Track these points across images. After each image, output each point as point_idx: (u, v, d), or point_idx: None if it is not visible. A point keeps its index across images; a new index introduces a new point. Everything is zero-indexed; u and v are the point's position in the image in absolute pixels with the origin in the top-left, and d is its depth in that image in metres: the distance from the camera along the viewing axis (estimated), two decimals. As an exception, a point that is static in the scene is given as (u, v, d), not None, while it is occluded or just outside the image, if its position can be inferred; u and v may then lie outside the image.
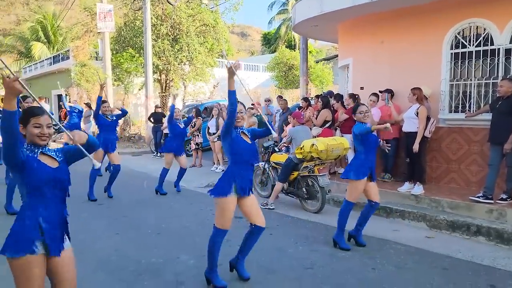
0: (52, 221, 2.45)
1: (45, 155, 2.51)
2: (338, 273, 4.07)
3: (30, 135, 2.46)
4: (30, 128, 2.45)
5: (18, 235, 2.37)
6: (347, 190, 4.85)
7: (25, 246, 2.34)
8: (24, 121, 2.46)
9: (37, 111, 2.50)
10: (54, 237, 2.44)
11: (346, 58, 8.89)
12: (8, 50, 34.89)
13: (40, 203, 2.43)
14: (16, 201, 6.96)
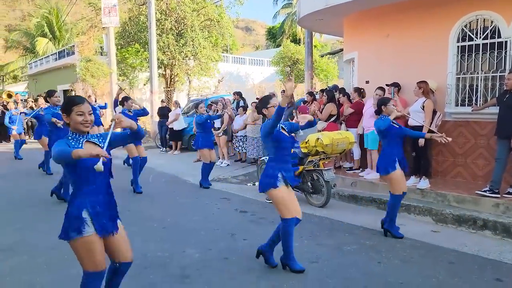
0: (99, 204, 2.62)
1: (89, 142, 2.63)
2: (343, 267, 4.06)
3: (74, 123, 2.59)
4: (74, 116, 2.57)
5: (71, 220, 2.56)
6: (390, 185, 4.91)
7: (77, 229, 2.54)
8: (67, 110, 2.59)
9: (78, 100, 2.62)
10: (102, 218, 2.61)
11: (352, 52, 8.83)
12: (13, 46, 35.06)
13: (87, 188, 2.58)
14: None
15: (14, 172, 9.59)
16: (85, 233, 2.55)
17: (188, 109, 14.17)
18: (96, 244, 2.59)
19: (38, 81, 29.40)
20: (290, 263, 3.91)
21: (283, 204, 3.80)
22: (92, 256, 2.60)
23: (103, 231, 2.62)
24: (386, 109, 4.78)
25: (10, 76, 38.36)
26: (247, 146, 9.99)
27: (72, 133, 2.63)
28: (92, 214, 2.58)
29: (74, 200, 2.60)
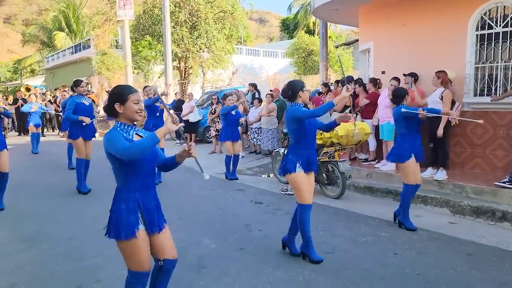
0: (148, 200, 2.57)
1: (138, 135, 2.59)
2: (359, 258, 4.05)
3: (130, 112, 2.51)
4: (130, 104, 2.50)
5: (120, 218, 2.47)
6: (401, 174, 4.93)
7: (127, 229, 2.45)
8: (122, 99, 2.50)
9: (133, 89, 2.58)
10: (152, 215, 2.56)
11: (367, 42, 8.72)
12: (31, 40, 35.54)
13: (134, 184, 2.50)
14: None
15: (33, 164, 9.78)
16: (138, 230, 2.48)
17: (203, 101, 14.21)
18: (143, 242, 2.52)
19: (55, 75, 29.82)
20: (309, 252, 3.93)
21: (299, 190, 3.87)
22: (138, 255, 2.52)
23: (153, 227, 2.56)
24: (406, 100, 4.76)
25: (28, 70, 38.99)
26: (262, 138, 9.99)
27: (121, 124, 2.54)
28: (144, 210, 2.53)
29: (124, 196, 2.51)
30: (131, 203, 2.49)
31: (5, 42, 69.47)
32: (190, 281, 3.58)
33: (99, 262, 3.95)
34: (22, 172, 8.38)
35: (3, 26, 76.40)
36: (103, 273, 3.71)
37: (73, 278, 3.66)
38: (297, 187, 3.89)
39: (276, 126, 9.74)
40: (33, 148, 11.35)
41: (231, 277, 3.66)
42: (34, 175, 8.39)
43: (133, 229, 2.46)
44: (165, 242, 2.67)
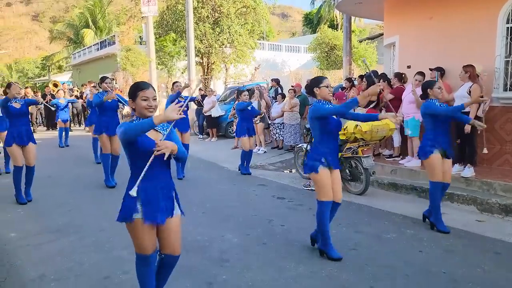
0: (153, 192, 2.65)
1: (154, 130, 2.66)
2: (383, 254, 4.01)
3: (139, 108, 2.63)
4: (139, 101, 2.62)
5: (125, 204, 2.66)
6: (427, 170, 4.80)
7: (124, 214, 2.65)
8: (133, 96, 2.65)
9: (143, 85, 2.69)
10: (153, 206, 2.64)
11: (392, 36, 8.56)
12: (58, 37, 36.38)
13: (137, 174, 2.56)
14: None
15: (61, 158, 10.04)
16: (134, 218, 2.62)
17: (225, 96, 14.27)
18: (142, 230, 2.64)
19: (81, 71, 30.48)
20: (327, 250, 3.90)
21: (321, 187, 3.86)
22: (139, 239, 2.69)
23: (150, 219, 2.63)
24: (432, 92, 4.61)
25: (56, 66, 39.96)
26: (284, 133, 9.97)
27: (137, 118, 2.67)
28: (143, 200, 2.62)
29: (129, 184, 2.67)
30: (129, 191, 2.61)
31: (34, 39, 71.37)
32: (213, 275, 3.62)
33: (126, 254, 4.03)
34: (50, 166, 8.62)
35: (32, 24, 78.51)
36: (130, 265, 3.76)
37: (100, 269, 3.75)
38: (320, 184, 3.86)
39: (299, 122, 9.71)
40: (60, 142, 11.65)
41: (254, 271, 3.69)
42: (62, 168, 8.61)
43: (127, 215, 2.64)
44: (168, 237, 2.77)
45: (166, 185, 2.74)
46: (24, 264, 3.92)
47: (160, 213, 2.67)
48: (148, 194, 2.64)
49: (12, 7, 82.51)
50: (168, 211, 2.72)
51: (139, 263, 2.81)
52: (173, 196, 2.80)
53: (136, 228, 2.65)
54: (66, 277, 3.63)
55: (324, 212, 3.86)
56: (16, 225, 5.04)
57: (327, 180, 3.86)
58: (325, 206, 3.86)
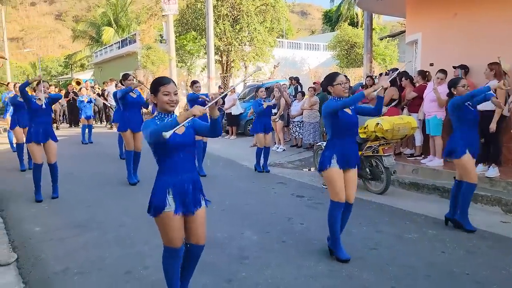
0: (181, 184, 2.72)
1: None
2: (404, 254, 3.95)
3: (160, 103, 2.68)
4: (160, 96, 2.66)
5: (155, 196, 2.71)
6: (461, 172, 4.55)
7: (156, 208, 2.69)
8: (154, 91, 2.69)
9: (165, 80, 2.73)
10: (184, 197, 2.72)
11: (415, 33, 8.42)
12: (80, 36, 37.03)
13: (170, 167, 2.69)
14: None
15: (83, 155, 10.22)
16: (165, 210, 2.68)
17: (245, 94, 14.29)
18: (173, 222, 2.71)
19: (103, 69, 30.97)
20: (336, 250, 3.83)
21: (332, 186, 3.77)
22: (168, 232, 2.74)
23: (183, 209, 2.72)
24: (457, 90, 4.52)
25: (78, 65, 40.70)
26: (304, 131, 9.93)
27: (159, 113, 2.72)
28: (175, 192, 2.69)
29: (160, 178, 2.72)
30: (163, 186, 2.70)
31: (57, 38, 72.89)
32: (233, 272, 3.63)
33: (147, 249, 4.09)
34: (73, 162, 8.79)
35: (55, 23, 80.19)
36: (151, 260, 3.84)
37: (122, 264, 3.81)
38: (330, 183, 3.77)
39: (318, 120, 9.65)
40: (83, 139, 11.87)
41: (273, 269, 3.68)
42: (84, 165, 8.77)
43: (160, 209, 2.68)
44: (195, 228, 2.85)
45: (194, 177, 2.81)
46: (48, 257, 4.01)
47: (191, 204, 2.76)
48: (178, 186, 2.71)
49: (36, 6, 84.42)
50: (196, 202, 2.80)
51: (168, 256, 2.85)
52: (200, 188, 2.86)
53: (167, 221, 2.70)
54: (89, 271, 3.69)
55: (334, 212, 3.78)
56: (40, 219, 5.16)
57: (337, 178, 3.74)
58: (336, 206, 3.77)
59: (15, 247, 4.28)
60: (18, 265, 3.83)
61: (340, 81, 3.72)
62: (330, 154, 3.76)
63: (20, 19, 78.44)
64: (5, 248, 4.22)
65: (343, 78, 3.78)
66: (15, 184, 7.01)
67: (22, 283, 3.50)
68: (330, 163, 3.74)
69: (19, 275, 3.65)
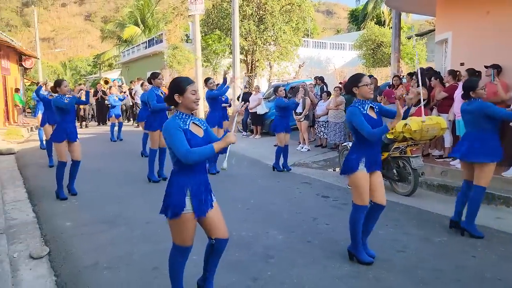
0: (199, 184, 2.79)
1: (194, 124, 2.80)
2: (433, 258, 3.87)
3: (188, 101, 2.75)
4: (188, 94, 2.74)
5: (171, 198, 2.75)
6: (481, 175, 4.33)
7: (174, 210, 2.73)
8: (181, 90, 2.74)
9: (190, 80, 2.83)
10: (201, 198, 2.78)
11: (445, 32, 8.23)
12: (108, 36, 37.86)
13: (188, 170, 2.74)
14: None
15: (111, 152, 10.44)
16: (184, 212, 2.72)
17: (269, 94, 14.28)
18: (189, 223, 2.77)
19: (130, 68, 31.55)
20: (357, 253, 3.75)
21: (358, 190, 3.68)
22: (182, 232, 2.79)
23: (200, 211, 2.77)
24: (476, 94, 4.34)
25: (106, 64, 41.60)
26: (329, 131, 9.86)
27: (179, 113, 2.77)
28: (192, 193, 2.74)
29: (177, 179, 2.76)
30: (180, 187, 2.74)
31: (86, 38, 74.66)
32: (258, 270, 3.64)
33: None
34: (101, 159, 9.00)
35: (84, 23, 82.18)
36: (177, 257, 3.89)
37: (149, 260, 3.88)
38: (357, 186, 3.68)
39: (344, 120, 9.55)
40: (112, 136, 12.16)
41: (299, 269, 3.67)
42: (112, 162, 8.96)
43: (178, 211, 2.72)
44: (216, 223, 2.89)
45: (206, 178, 2.88)
46: (79, 252, 4.12)
47: (205, 206, 2.82)
48: (194, 188, 2.76)
49: (67, 7, 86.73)
50: (209, 203, 2.85)
51: (178, 254, 2.91)
52: (210, 189, 2.93)
53: (184, 222, 2.75)
54: (117, 266, 3.78)
55: (357, 215, 3.70)
56: (70, 215, 5.31)
57: (365, 182, 3.68)
58: (360, 210, 3.69)
59: (47, 241, 4.42)
60: (50, 259, 3.96)
61: (366, 82, 3.64)
62: (357, 158, 3.68)
63: (51, 19, 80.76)
64: (37, 241, 4.36)
65: (368, 79, 3.70)
66: (46, 180, 7.22)
67: (54, 276, 3.61)
68: (358, 167, 3.66)
69: (51, 268, 3.77)
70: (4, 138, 12.74)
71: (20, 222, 5.02)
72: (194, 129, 2.77)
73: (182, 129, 2.67)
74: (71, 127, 6.04)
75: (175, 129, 2.65)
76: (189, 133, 2.70)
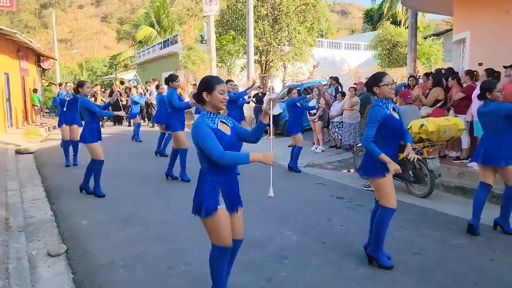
0: (229, 183, 2.83)
1: (222, 122, 2.82)
2: (450, 260, 3.82)
3: (215, 100, 2.75)
4: (216, 94, 2.74)
5: (202, 198, 2.76)
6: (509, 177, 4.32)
7: (208, 207, 2.74)
8: (210, 88, 2.75)
9: (219, 79, 2.84)
10: (232, 196, 2.84)
11: (463, 32, 8.11)
12: (124, 37, 38.28)
13: (219, 168, 2.74)
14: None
15: (128, 151, 10.53)
16: (219, 209, 2.74)
17: (283, 95, 14.26)
18: (224, 219, 2.78)
19: (145, 69, 31.84)
20: (378, 257, 3.68)
21: (386, 192, 3.61)
22: (219, 230, 2.78)
23: (233, 207, 2.84)
24: (492, 95, 4.27)
25: (122, 65, 42.09)
26: (343, 132, 9.79)
27: (207, 112, 2.78)
28: (225, 191, 2.79)
29: (207, 178, 2.78)
30: (213, 185, 2.76)
31: (103, 39, 75.68)
32: (273, 271, 3.64)
33: (188, 246, 4.17)
34: (118, 159, 9.08)
35: (101, 25, 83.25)
36: (192, 256, 3.92)
37: (164, 259, 3.91)
38: (386, 191, 3.61)
39: (358, 120, 9.49)
40: (137, 135, 12.28)
41: (313, 270, 3.66)
42: (128, 161, 9.04)
43: (212, 208, 2.73)
44: (236, 223, 2.94)
45: (235, 177, 2.93)
46: (95, 250, 4.17)
47: (235, 203, 2.88)
48: (227, 186, 2.81)
49: (84, 9, 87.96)
50: (239, 201, 2.93)
51: (218, 255, 2.87)
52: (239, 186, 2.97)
53: (220, 218, 2.76)
54: (133, 265, 3.81)
55: (386, 219, 3.63)
56: (87, 213, 5.38)
57: (390, 186, 3.61)
58: (389, 213, 3.62)
59: (64, 239, 4.49)
60: (67, 256, 4.02)
61: (387, 82, 3.55)
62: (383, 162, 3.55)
63: (69, 21, 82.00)
64: (55, 239, 4.44)
65: (391, 79, 3.60)
66: (63, 179, 7.34)
67: (71, 273, 3.67)
68: (385, 171, 3.56)
69: (68, 265, 3.83)
70: (23, 137, 13.00)
71: (38, 220, 5.11)
72: (223, 127, 2.78)
73: (212, 128, 2.68)
74: (98, 127, 6.15)
75: (206, 129, 2.66)
76: (219, 132, 2.71)
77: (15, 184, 6.70)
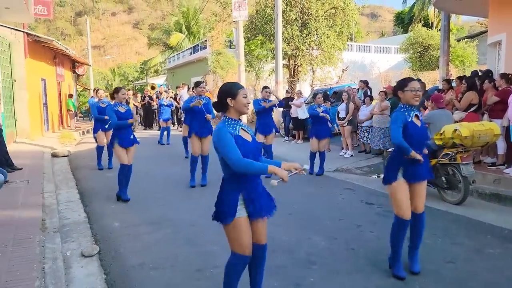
0: (252, 190, 2.79)
1: (243, 129, 2.82)
2: (485, 270, 3.69)
3: (240, 105, 2.77)
4: (240, 98, 2.76)
5: (225, 203, 2.76)
6: None
7: (227, 215, 2.74)
8: (233, 94, 2.77)
9: (240, 84, 2.89)
10: (256, 202, 2.78)
11: (498, 34, 7.86)
12: (155, 43, 39.13)
13: (238, 176, 2.73)
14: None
15: (158, 155, 10.74)
16: (237, 216, 2.72)
17: (312, 99, 14.20)
18: (243, 227, 2.75)
19: (175, 74, 32.41)
20: (394, 264, 3.61)
21: (396, 201, 3.53)
22: (238, 238, 2.75)
23: (259, 214, 2.79)
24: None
25: (152, 70, 43.00)
26: (372, 136, 9.65)
27: (229, 119, 2.78)
28: (247, 198, 2.75)
29: (228, 186, 2.78)
30: (234, 193, 2.75)
31: (134, 45, 77.58)
32: (301, 276, 3.62)
33: (216, 249, 4.20)
34: (148, 162, 9.27)
35: (133, 31, 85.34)
36: (220, 260, 3.92)
37: (193, 262, 3.96)
38: (394, 198, 3.53)
39: (389, 125, 9.32)
40: (160, 140, 12.55)
41: (342, 276, 3.62)
42: (159, 165, 9.21)
43: (229, 217, 2.72)
44: (261, 228, 2.89)
45: (260, 182, 2.88)
46: (126, 251, 4.27)
47: (263, 209, 2.82)
48: (250, 192, 2.77)
49: (116, 16, 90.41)
50: (270, 207, 2.88)
51: (236, 263, 2.84)
52: (268, 192, 2.92)
53: (238, 228, 2.74)
54: (163, 267, 3.88)
55: (396, 228, 3.56)
56: (119, 216, 5.51)
57: (401, 194, 3.50)
58: (399, 222, 3.53)
59: (97, 240, 4.61)
60: (100, 257, 4.13)
61: (412, 87, 3.47)
62: (394, 168, 3.54)
63: (102, 28, 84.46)
64: (88, 240, 4.56)
65: (416, 84, 3.51)
66: (96, 182, 7.55)
67: (104, 274, 3.76)
68: (396, 177, 3.51)
69: (101, 266, 3.93)
70: (59, 141, 13.46)
71: (73, 221, 5.27)
72: (244, 134, 2.78)
73: (232, 135, 2.69)
74: (131, 132, 6.29)
75: (227, 135, 2.67)
76: (240, 139, 2.71)
77: (51, 186, 6.94)
